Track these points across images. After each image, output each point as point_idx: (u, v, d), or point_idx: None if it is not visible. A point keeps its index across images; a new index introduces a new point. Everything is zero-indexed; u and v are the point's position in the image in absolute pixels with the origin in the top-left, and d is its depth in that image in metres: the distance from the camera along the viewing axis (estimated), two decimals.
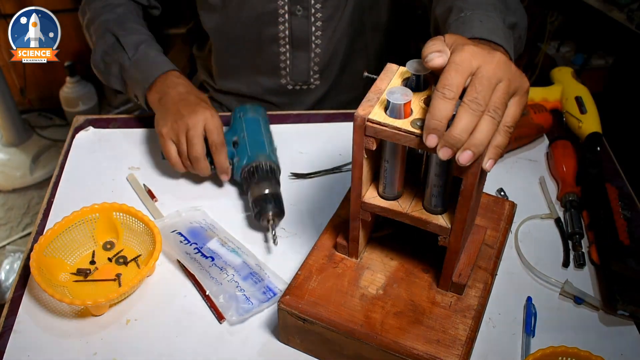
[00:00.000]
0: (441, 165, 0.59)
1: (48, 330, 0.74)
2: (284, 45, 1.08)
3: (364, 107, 0.58)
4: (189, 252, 0.81)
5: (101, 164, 0.97)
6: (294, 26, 1.06)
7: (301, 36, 1.07)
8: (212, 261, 0.80)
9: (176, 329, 0.75)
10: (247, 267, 0.79)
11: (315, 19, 1.05)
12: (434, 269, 0.72)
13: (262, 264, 0.81)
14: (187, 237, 0.83)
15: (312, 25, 1.06)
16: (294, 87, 1.15)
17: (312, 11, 1.04)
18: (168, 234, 0.83)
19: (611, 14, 1.58)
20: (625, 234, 0.83)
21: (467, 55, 0.54)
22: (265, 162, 0.87)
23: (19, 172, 2.13)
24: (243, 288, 0.77)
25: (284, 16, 1.05)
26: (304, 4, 1.03)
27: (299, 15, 1.05)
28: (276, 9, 1.04)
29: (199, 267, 0.79)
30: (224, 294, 0.76)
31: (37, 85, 2.34)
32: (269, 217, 0.82)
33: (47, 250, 0.78)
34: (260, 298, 0.76)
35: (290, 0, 1.03)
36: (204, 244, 0.82)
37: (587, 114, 1.01)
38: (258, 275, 0.79)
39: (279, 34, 1.07)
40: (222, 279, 0.77)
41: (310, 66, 1.12)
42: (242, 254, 0.81)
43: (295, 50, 1.09)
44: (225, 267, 0.79)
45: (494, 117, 0.54)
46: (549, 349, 0.67)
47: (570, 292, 0.78)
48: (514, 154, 1.00)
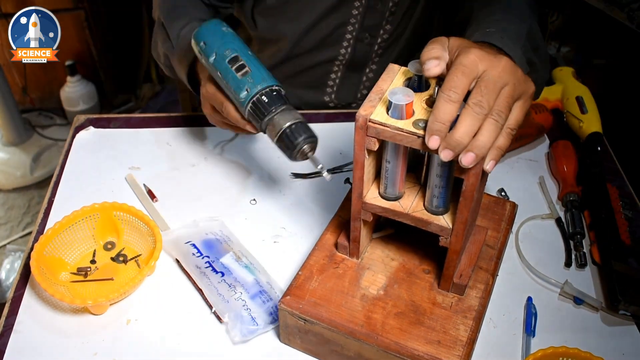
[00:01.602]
0: (443, 166, 0.59)
1: (49, 329, 0.74)
2: (339, 65, 1.06)
3: (366, 108, 0.58)
4: (199, 265, 0.79)
5: (102, 164, 0.97)
6: (357, 51, 1.04)
7: (360, 60, 1.06)
8: (222, 277, 0.77)
9: (177, 328, 0.75)
10: (258, 285, 0.77)
11: (379, 47, 1.04)
12: (434, 270, 0.72)
13: (274, 282, 0.79)
14: (201, 250, 0.80)
15: (373, 53, 1.05)
16: (336, 105, 1.13)
17: (379, 41, 1.03)
18: (182, 245, 0.81)
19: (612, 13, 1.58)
20: (626, 233, 0.83)
21: (473, 58, 0.54)
22: (270, 88, 0.71)
23: (20, 172, 2.13)
24: (250, 307, 0.74)
25: (349, 41, 1.02)
26: (373, 32, 1.01)
27: (365, 43, 1.03)
28: (344, 34, 1.01)
29: (208, 283, 0.77)
30: (230, 313, 0.74)
31: (37, 85, 2.34)
32: (306, 151, 0.72)
33: (47, 250, 0.78)
34: (267, 319, 0.74)
35: (361, 27, 1.00)
36: (217, 258, 0.80)
37: (588, 114, 1.01)
38: (267, 295, 0.76)
39: (338, 57, 1.05)
40: (230, 297, 0.75)
41: (360, 89, 1.10)
42: (254, 271, 0.79)
43: (349, 71, 1.07)
44: (235, 284, 0.77)
45: (498, 121, 0.54)
46: (549, 349, 0.67)
47: (570, 292, 0.78)
48: (514, 154, 1.00)
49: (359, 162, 0.62)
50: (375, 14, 0.99)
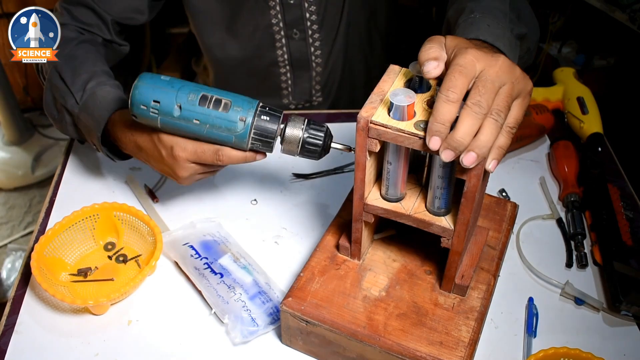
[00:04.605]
0: (444, 167, 0.59)
1: (50, 329, 0.74)
2: (284, 67, 1.09)
3: (367, 109, 0.58)
4: (198, 267, 0.79)
5: (102, 164, 0.97)
6: (293, 49, 1.06)
7: (301, 58, 1.07)
8: (221, 278, 0.77)
9: (177, 329, 0.75)
10: (257, 286, 0.77)
11: (313, 40, 1.05)
12: (436, 271, 0.72)
13: (273, 282, 0.79)
14: (199, 251, 0.80)
15: (310, 47, 1.06)
16: (296, 106, 1.15)
17: (309, 33, 1.04)
18: (179, 246, 0.81)
19: (613, 14, 1.58)
20: (627, 234, 0.83)
21: (470, 58, 0.54)
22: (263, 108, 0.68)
23: (21, 171, 2.14)
24: (249, 309, 0.74)
25: (281, 41, 1.05)
26: (300, 27, 1.03)
27: (297, 39, 1.05)
28: (273, 35, 1.04)
29: (207, 284, 0.77)
30: (230, 314, 0.73)
31: (39, 84, 2.33)
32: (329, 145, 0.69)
33: (47, 250, 0.77)
34: (267, 320, 0.74)
35: (287, 25, 1.03)
36: (216, 260, 0.80)
37: (589, 115, 1.01)
38: (267, 295, 0.76)
39: (278, 58, 1.07)
40: (229, 298, 0.75)
41: (312, 85, 1.12)
42: (252, 272, 0.79)
43: (297, 71, 1.09)
44: (234, 285, 0.77)
45: (497, 120, 0.54)
46: (550, 349, 0.67)
47: (571, 293, 0.78)
48: (515, 155, 1.00)
49: (361, 164, 0.62)
50: (293, 9, 1.02)
